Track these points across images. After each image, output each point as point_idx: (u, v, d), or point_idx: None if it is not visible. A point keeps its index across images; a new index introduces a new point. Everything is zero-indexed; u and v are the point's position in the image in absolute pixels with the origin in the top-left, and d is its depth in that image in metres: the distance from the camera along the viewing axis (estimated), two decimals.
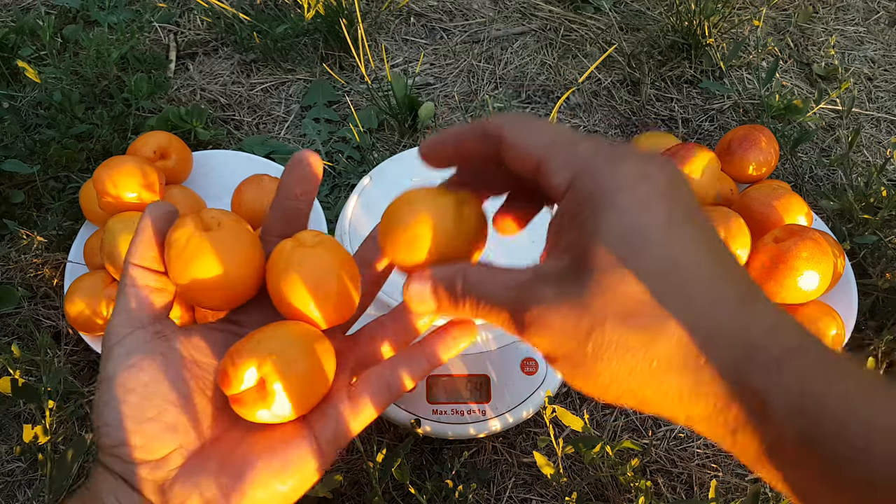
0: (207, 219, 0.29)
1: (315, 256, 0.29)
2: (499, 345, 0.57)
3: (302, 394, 0.27)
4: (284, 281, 0.29)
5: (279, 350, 0.27)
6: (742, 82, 0.90)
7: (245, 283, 0.30)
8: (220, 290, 0.29)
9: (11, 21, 0.92)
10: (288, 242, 0.30)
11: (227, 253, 0.29)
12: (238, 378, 0.26)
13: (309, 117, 0.83)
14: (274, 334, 0.28)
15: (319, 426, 0.28)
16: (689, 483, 0.58)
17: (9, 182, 0.74)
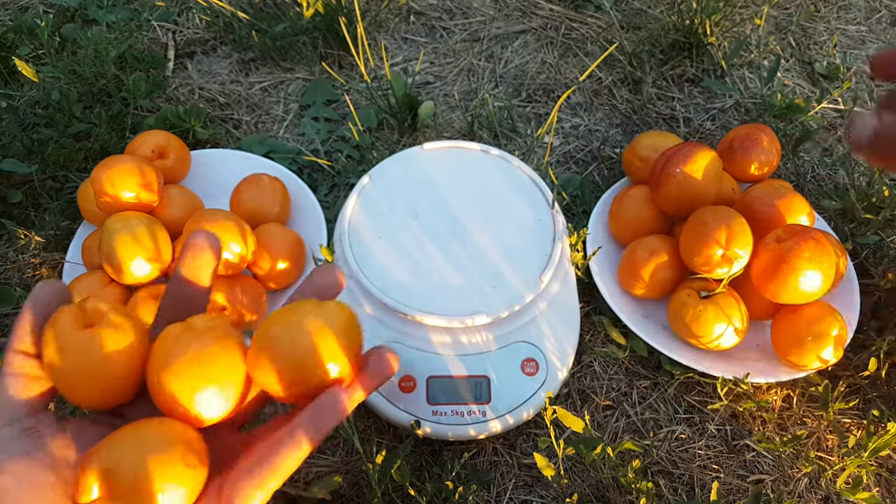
0: (90, 311, 0.27)
1: (199, 345, 0.26)
2: (499, 346, 0.57)
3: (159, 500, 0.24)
4: (161, 373, 0.26)
5: (131, 454, 0.24)
6: (744, 81, 0.89)
7: (124, 384, 0.27)
8: (95, 391, 0.27)
9: (9, 20, 0.92)
10: (175, 328, 0.28)
11: (106, 352, 0.26)
12: (86, 487, 0.24)
13: (308, 116, 0.83)
14: (129, 436, 0.25)
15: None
16: (690, 484, 0.58)
17: (6, 182, 0.74)
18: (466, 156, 0.67)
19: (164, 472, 0.25)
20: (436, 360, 0.56)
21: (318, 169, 0.77)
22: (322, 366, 0.27)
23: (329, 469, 0.58)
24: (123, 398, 0.28)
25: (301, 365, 0.26)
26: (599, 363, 0.64)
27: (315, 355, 0.27)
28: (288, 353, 0.26)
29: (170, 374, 0.26)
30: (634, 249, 0.64)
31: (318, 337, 0.27)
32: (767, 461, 0.59)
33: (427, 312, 0.56)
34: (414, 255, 0.59)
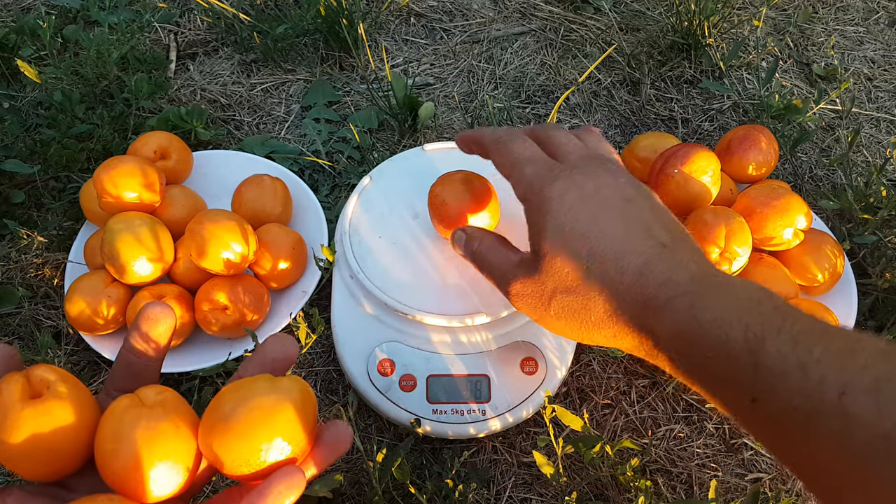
0: (36, 382, 0.27)
1: (147, 421, 0.26)
2: (498, 345, 0.57)
3: None
4: (106, 449, 0.26)
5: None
6: (742, 82, 0.90)
7: (69, 457, 0.27)
8: (40, 464, 0.26)
9: (12, 21, 0.92)
10: (123, 401, 0.27)
11: (51, 427, 0.26)
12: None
13: (309, 117, 0.83)
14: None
15: None
16: (688, 483, 0.58)
17: (9, 182, 0.74)
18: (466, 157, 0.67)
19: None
20: (436, 359, 0.57)
21: (319, 169, 0.78)
22: (273, 447, 0.26)
23: (330, 467, 0.58)
24: (68, 471, 0.28)
25: (251, 446, 0.26)
26: (598, 362, 0.64)
27: (266, 436, 0.26)
28: (238, 433, 0.26)
29: (119, 450, 0.25)
30: None
31: (270, 416, 0.26)
32: (766, 460, 0.59)
33: (427, 312, 0.56)
34: (414, 255, 0.60)
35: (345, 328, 0.58)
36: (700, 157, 0.62)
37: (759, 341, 0.27)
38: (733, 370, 0.27)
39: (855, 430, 0.23)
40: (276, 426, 0.26)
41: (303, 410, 0.27)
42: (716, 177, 0.64)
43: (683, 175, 0.62)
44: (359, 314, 0.58)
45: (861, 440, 0.23)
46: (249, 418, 0.26)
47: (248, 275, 0.62)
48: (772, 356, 0.26)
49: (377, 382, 0.56)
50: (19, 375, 0.27)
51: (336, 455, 0.28)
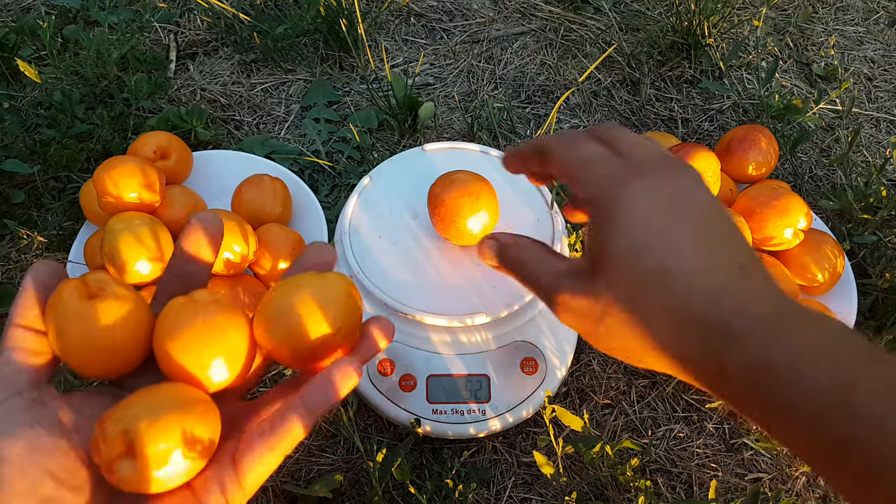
0: (92, 284, 0.28)
1: (205, 314, 0.27)
2: (499, 345, 0.57)
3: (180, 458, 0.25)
4: (168, 341, 0.27)
5: (148, 413, 0.25)
6: (742, 82, 0.90)
7: (128, 353, 0.28)
8: (100, 360, 0.28)
9: (12, 21, 0.92)
10: (179, 300, 0.28)
11: (109, 322, 0.27)
12: (107, 446, 0.25)
13: (309, 117, 0.83)
14: (145, 397, 0.26)
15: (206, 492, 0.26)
16: (688, 483, 0.58)
17: (9, 182, 0.74)
18: (466, 157, 0.67)
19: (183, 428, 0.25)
20: (436, 359, 0.57)
21: (318, 169, 0.78)
22: (320, 334, 0.28)
23: (330, 467, 0.58)
24: (127, 367, 0.29)
25: (300, 333, 0.28)
26: (598, 362, 0.64)
27: (314, 324, 0.28)
28: (288, 322, 0.28)
29: (179, 342, 0.27)
30: None
31: (317, 306, 0.28)
32: (765, 460, 0.59)
33: (427, 312, 0.56)
34: (414, 255, 0.60)
35: None
36: (700, 157, 0.62)
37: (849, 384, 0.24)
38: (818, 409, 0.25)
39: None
40: (328, 311, 0.28)
41: (352, 300, 0.29)
42: (716, 177, 0.64)
43: None
44: None
45: None
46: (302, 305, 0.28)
47: (248, 275, 0.62)
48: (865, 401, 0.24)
49: (377, 382, 0.56)
50: (76, 279, 0.28)
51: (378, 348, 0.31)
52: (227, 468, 0.27)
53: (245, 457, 0.27)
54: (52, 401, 0.27)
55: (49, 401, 0.27)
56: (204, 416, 0.26)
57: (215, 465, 0.27)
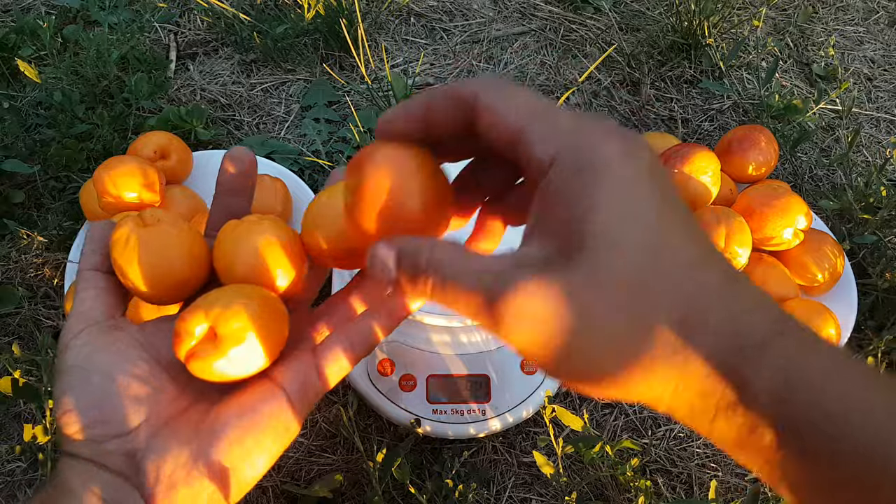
0: (147, 216, 0.30)
1: (261, 229, 0.30)
2: (499, 345, 0.57)
3: (256, 340, 0.27)
4: (229, 255, 0.29)
5: (226, 300, 0.27)
6: (742, 82, 0.90)
7: (189, 274, 0.30)
8: (164, 281, 0.29)
9: (12, 21, 0.92)
10: (232, 222, 0.31)
11: (168, 245, 0.29)
12: (189, 332, 0.27)
13: (309, 117, 0.83)
14: (223, 290, 0.28)
15: (286, 381, 0.28)
16: (688, 483, 0.58)
17: (9, 182, 0.74)
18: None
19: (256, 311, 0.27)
20: (436, 359, 0.57)
21: (319, 169, 0.78)
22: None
23: (330, 467, 0.58)
24: (189, 288, 0.31)
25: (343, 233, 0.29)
26: None
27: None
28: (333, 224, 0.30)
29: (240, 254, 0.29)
30: None
31: None
32: None
33: (427, 312, 0.56)
34: None
35: None
36: (700, 157, 0.62)
37: None
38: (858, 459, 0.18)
39: None
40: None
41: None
42: (716, 177, 0.64)
43: (683, 175, 0.62)
44: None
45: None
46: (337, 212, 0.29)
47: None
48: None
49: (377, 382, 0.56)
50: (134, 215, 0.30)
51: None
52: (308, 361, 0.29)
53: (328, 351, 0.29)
54: (127, 325, 0.29)
55: (125, 326, 0.29)
56: (274, 306, 0.28)
57: (294, 359, 0.29)
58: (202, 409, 0.28)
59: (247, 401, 0.27)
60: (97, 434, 0.26)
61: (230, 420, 0.27)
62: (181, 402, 0.28)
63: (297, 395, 0.28)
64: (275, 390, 0.28)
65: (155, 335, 0.29)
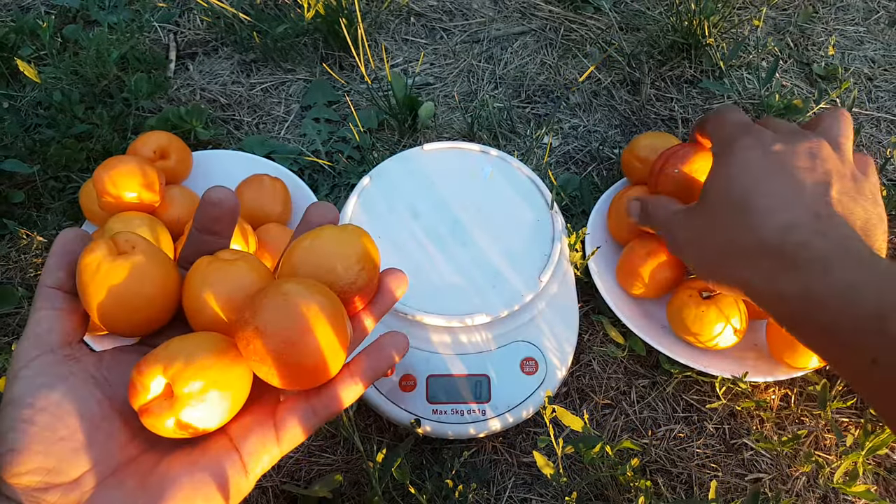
0: (121, 242, 0.28)
1: (234, 271, 0.28)
2: (498, 345, 0.57)
3: (215, 400, 0.25)
4: (200, 295, 0.28)
5: (188, 355, 0.25)
6: (742, 82, 0.90)
7: (158, 308, 0.29)
8: (132, 315, 0.28)
9: (11, 21, 0.92)
10: (205, 259, 0.29)
11: (139, 278, 0.28)
12: (144, 386, 0.25)
13: (309, 117, 0.83)
14: (184, 342, 0.26)
15: (242, 440, 0.27)
16: (688, 483, 0.58)
17: (8, 182, 0.74)
18: (466, 156, 0.67)
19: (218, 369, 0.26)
20: (436, 359, 0.57)
21: (318, 169, 0.78)
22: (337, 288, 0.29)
23: (330, 467, 0.58)
24: (156, 324, 0.29)
25: (331, 271, 0.29)
26: (598, 362, 0.64)
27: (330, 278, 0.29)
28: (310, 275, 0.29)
29: (209, 294, 0.28)
30: (633, 249, 0.64)
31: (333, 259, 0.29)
32: (766, 460, 0.59)
33: (427, 312, 0.56)
34: (414, 255, 0.60)
35: None
36: (700, 156, 0.62)
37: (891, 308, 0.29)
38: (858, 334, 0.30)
39: None
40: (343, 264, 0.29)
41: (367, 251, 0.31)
42: None
43: (684, 174, 0.62)
44: None
45: None
46: (320, 257, 0.29)
47: None
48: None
49: (377, 383, 0.56)
50: (107, 238, 0.29)
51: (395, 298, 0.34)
52: (267, 420, 0.27)
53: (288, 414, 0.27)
54: (84, 356, 0.28)
55: (82, 356, 0.27)
56: (237, 361, 0.27)
57: (253, 415, 0.28)
58: (152, 460, 0.26)
59: (199, 458, 0.26)
60: (39, 482, 0.24)
61: (179, 477, 0.25)
62: (131, 449, 0.26)
63: (251, 456, 0.27)
64: (229, 449, 0.27)
65: (112, 370, 0.28)
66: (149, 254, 0.28)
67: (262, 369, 0.26)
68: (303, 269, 0.29)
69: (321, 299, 0.27)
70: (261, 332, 0.25)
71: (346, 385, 0.29)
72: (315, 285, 0.27)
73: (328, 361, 0.27)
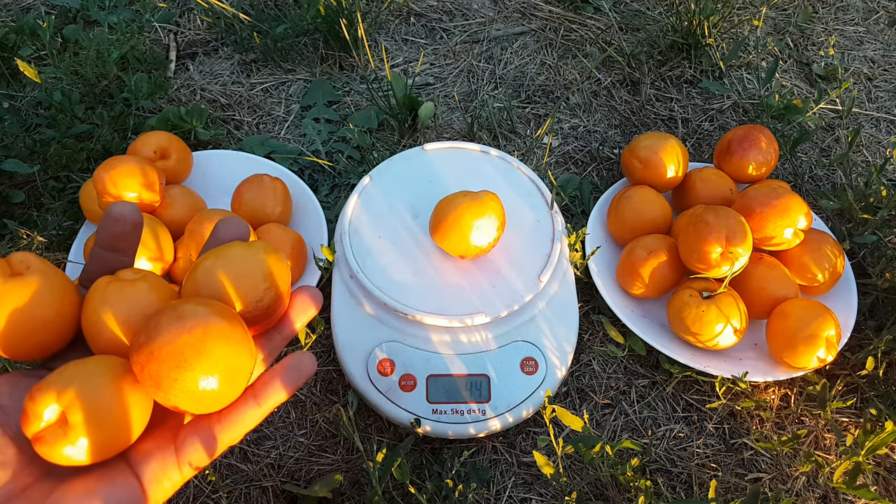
0: (15, 263, 0.27)
1: (133, 291, 0.27)
2: (498, 345, 0.57)
3: (110, 427, 0.24)
4: (97, 316, 0.27)
5: (82, 381, 0.24)
6: (742, 82, 0.90)
7: (56, 331, 0.27)
8: (27, 339, 0.27)
9: (11, 21, 0.92)
10: (106, 278, 0.28)
11: (34, 301, 0.26)
12: (37, 414, 0.24)
13: (309, 117, 0.83)
14: (79, 367, 0.25)
15: (141, 465, 0.26)
16: (688, 483, 0.58)
17: (9, 182, 0.74)
18: (466, 156, 0.67)
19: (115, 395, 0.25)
20: (436, 358, 0.57)
21: (318, 169, 0.78)
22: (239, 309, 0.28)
23: (330, 467, 0.58)
24: (54, 347, 0.28)
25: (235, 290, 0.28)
26: (598, 362, 0.64)
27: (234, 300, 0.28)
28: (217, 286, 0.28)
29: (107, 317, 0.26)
30: (633, 249, 0.64)
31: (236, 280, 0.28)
32: (765, 460, 0.59)
33: (427, 312, 0.56)
34: (414, 254, 0.60)
35: (345, 328, 0.58)
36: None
37: None
38: None
39: None
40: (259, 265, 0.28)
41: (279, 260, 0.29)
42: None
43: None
44: (359, 314, 0.58)
45: None
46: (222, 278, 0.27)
47: None
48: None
49: (377, 382, 0.56)
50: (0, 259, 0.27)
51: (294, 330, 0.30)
52: (167, 445, 0.26)
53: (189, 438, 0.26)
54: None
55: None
56: (134, 386, 0.25)
57: (154, 441, 0.26)
58: (46, 488, 0.25)
59: (94, 485, 0.25)
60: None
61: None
62: (25, 477, 0.25)
63: (151, 483, 0.26)
64: (127, 476, 0.25)
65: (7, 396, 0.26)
66: (45, 274, 0.27)
67: (159, 394, 0.25)
68: (205, 290, 0.27)
69: (220, 321, 0.25)
70: (154, 356, 0.24)
71: (248, 408, 0.27)
72: (215, 305, 0.26)
73: (229, 386, 0.26)
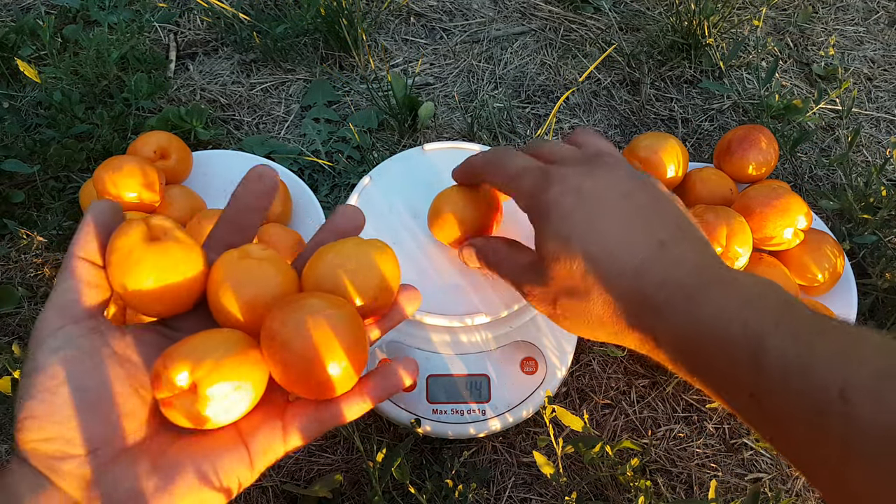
0: (154, 227, 0.29)
1: (259, 269, 0.29)
2: (498, 345, 0.57)
3: (236, 401, 0.27)
4: (222, 291, 0.29)
5: (216, 357, 0.26)
6: (742, 82, 0.90)
7: (184, 296, 0.29)
8: (157, 301, 0.29)
9: (11, 21, 0.92)
10: (234, 253, 0.30)
11: (169, 267, 0.28)
12: (169, 381, 0.26)
13: (309, 117, 0.83)
14: (210, 340, 0.27)
15: (251, 436, 0.28)
16: (688, 483, 0.58)
17: (9, 182, 0.74)
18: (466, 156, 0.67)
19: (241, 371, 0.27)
20: (436, 358, 0.57)
21: (318, 169, 0.78)
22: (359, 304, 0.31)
23: (330, 467, 0.58)
24: (181, 309, 0.30)
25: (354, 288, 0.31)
26: (598, 362, 0.64)
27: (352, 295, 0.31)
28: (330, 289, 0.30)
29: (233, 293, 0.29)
30: None
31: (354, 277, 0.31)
32: (765, 460, 0.59)
33: (427, 312, 0.56)
34: (414, 255, 0.60)
35: None
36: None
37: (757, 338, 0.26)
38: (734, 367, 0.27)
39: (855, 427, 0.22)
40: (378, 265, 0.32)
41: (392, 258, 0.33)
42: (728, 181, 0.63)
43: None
44: None
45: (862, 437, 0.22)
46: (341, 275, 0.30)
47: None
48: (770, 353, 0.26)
49: None
50: (140, 220, 0.29)
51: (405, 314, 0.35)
52: (275, 420, 0.29)
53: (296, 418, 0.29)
54: (108, 331, 0.28)
55: (105, 331, 0.28)
56: (258, 363, 0.28)
57: (263, 413, 0.29)
58: (164, 441, 0.27)
59: (210, 448, 0.27)
60: (56, 451, 0.25)
61: (189, 464, 0.26)
62: (146, 429, 0.27)
63: (258, 453, 0.28)
64: (238, 443, 0.27)
65: (132, 348, 0.28)
66: (179, 242, 0.29)
67: (282, 377, 0.28)
68: (326, 284, 0.30)
69: (344, 319, 0.28)
70: (286, 345, 0.27)
71: (354, 401, 0.30)
72: (339, 303, 0.29)
73: (344, 380, 0.28)
